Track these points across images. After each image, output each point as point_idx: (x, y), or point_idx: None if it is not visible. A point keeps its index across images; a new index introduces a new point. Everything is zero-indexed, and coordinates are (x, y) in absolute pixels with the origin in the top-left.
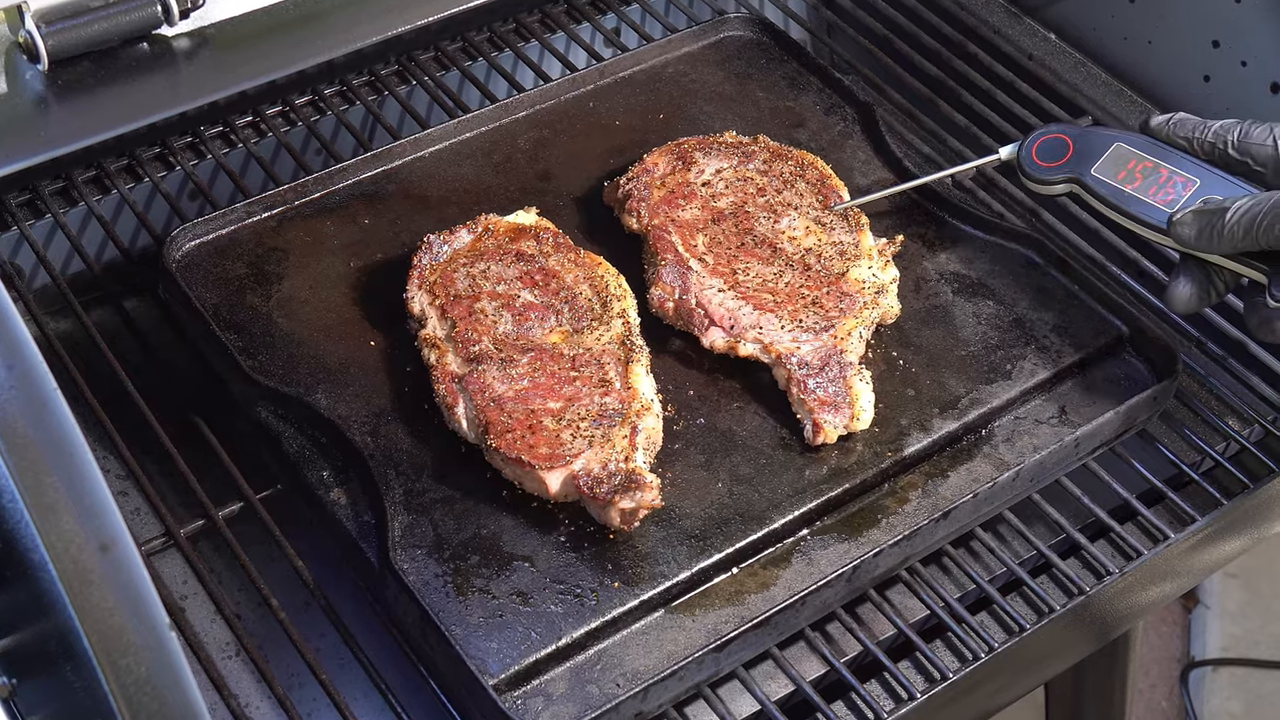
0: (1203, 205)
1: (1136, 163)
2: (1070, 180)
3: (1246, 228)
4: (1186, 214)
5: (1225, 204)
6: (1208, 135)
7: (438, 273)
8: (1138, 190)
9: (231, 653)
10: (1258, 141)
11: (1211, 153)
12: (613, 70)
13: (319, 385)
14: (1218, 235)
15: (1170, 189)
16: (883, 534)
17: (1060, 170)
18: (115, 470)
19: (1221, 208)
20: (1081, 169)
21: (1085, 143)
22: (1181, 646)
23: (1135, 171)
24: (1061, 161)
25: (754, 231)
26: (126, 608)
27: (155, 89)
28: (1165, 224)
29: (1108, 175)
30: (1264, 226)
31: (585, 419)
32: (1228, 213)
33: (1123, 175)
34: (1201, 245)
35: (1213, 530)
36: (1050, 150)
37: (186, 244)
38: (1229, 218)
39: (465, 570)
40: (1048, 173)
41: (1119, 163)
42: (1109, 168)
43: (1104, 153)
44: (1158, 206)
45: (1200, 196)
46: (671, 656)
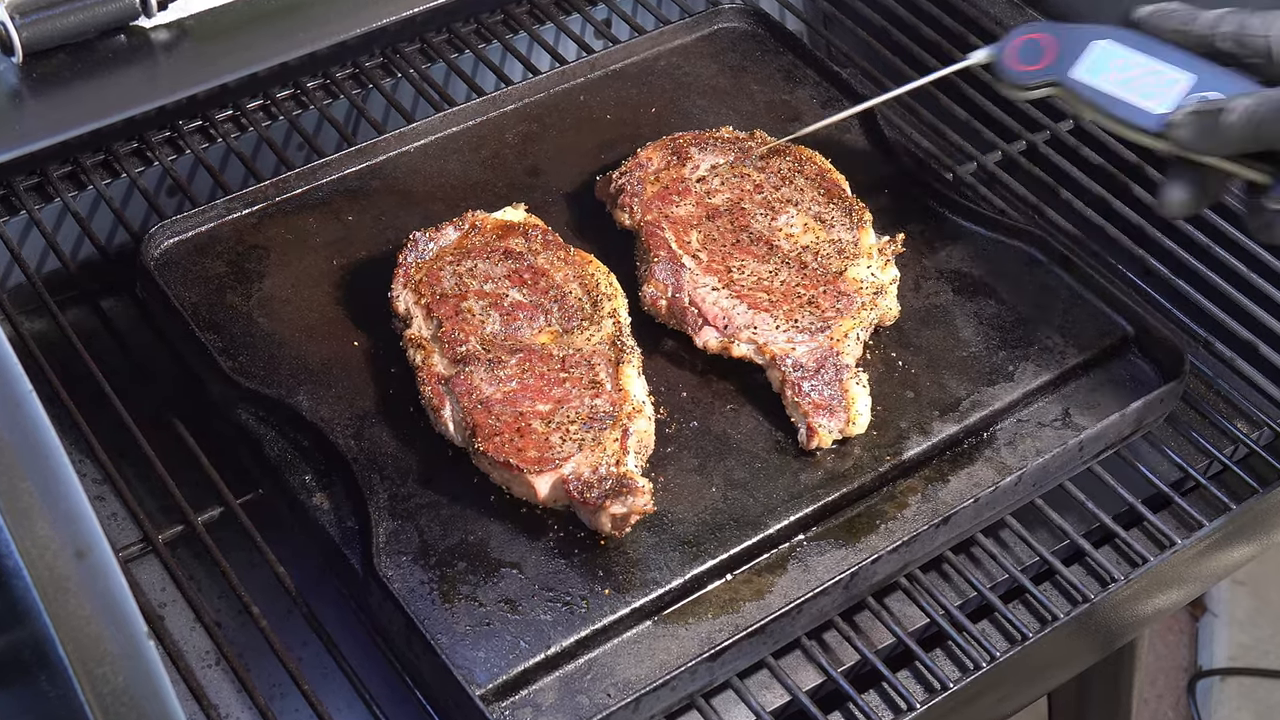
0: (1200, 104)
1: (1123, 60)
2: (1051, 84)
3: (1249, 126)
4: (1183, 114)
5: (1225, 102)
6: (1200, 26)
7: (423, 271)
8: (1125, 91)
9: (211, 662)
10: (1255, 32)
11: (1204, 45)
12: (604, 63)
13: (301, 387)
14: (1219, 136)
15: (1161, 88)
16: (881, 540)
17: (1040, 74)
18: (92, 474)
19: (1221, 106)
20: (1063, 70)
21: (1066, 42)
22: (1189, 656)
23: (1122, 70)
24: (1042, 64)
25: (750, 228)
26: (103, 616)
27: (133, 82)
28: (1159, 126)
29: (1092, 76)
30: (1268, 126)
31: (575, 422)
32: (1228, 111)
33: (1108, 75)
34: (1201, 147)
35: (1221, 536)
36: (1029, 52)
37: (165, 241)
38: (1230, 117)
39: (452, 577)
40: (1026, 76)
41: (1104, 62)
42: (1093, 68)
43: (1087, 52)
44: (1148, 109)
45: (1194, 95)
46: (664, 666)
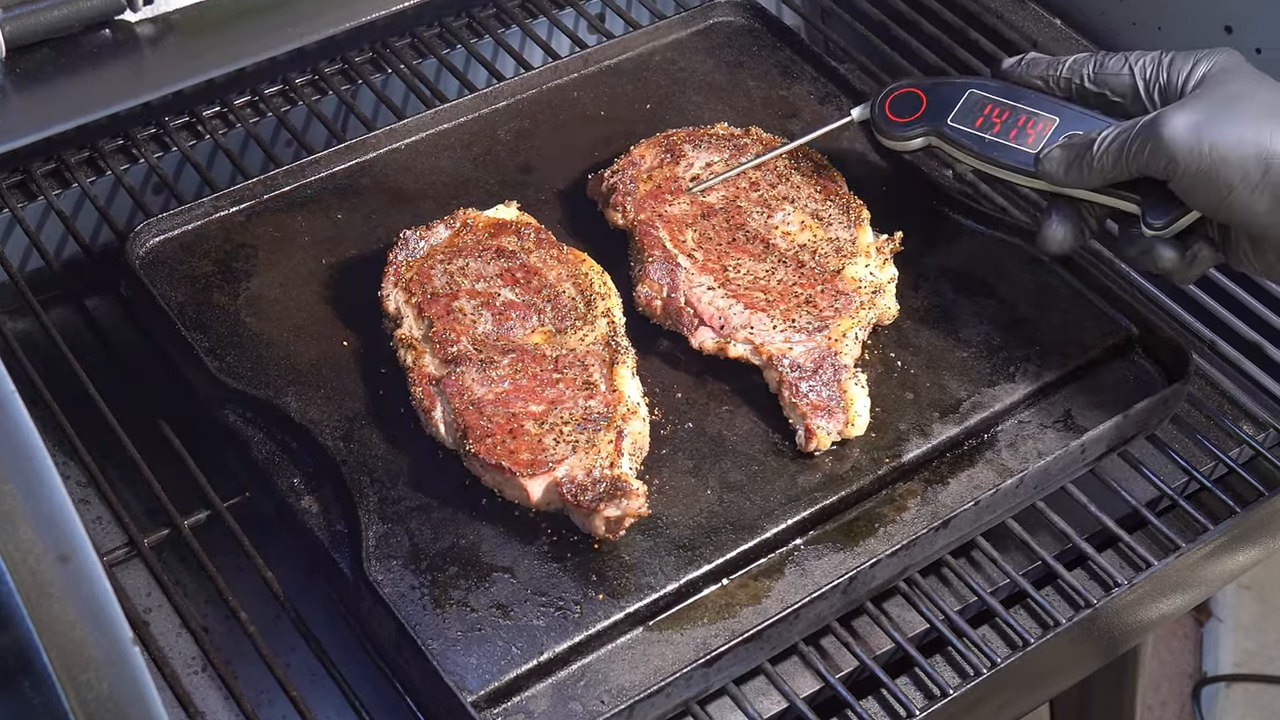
0: (1066, 140)
1: (993, 108)
2: (927, 133)
3: (1115, 156)
4: (1053, 150)
5: (1090, 135)
6: (1062, 71)
7: (414, 270)
8: (998, 135)
9: (198, 668)
10: (1113, 72)
11: (1068, 89)
12: (597, 58)
13: (289, 387)
14: (1087, 167)
15: (1031, 130)
16: (880, 543)
17: (916, 125)
18: (76, 477)
19: (1088, 139)
20: (937, 121)
21: (938, 94)
22: (1193, 662)
23: (993, 117)
24: (915, 116)
25: (746, 227)
26: (87, 621)
27: (118, 77)
28: (1031, 165)
29: (965, 124)
30: (1132, 153)
31: (568, 423)
32: (1094, 144)
33: (980, 122)
34: (1071, 180)
35: (1226, 540)
36: (903, 105)
37: (150, 240)
38: (1096, 149)
39: (443, 582)
40: (903, 129)
41: (975, 110)
42: (965, 116)
43: (958, 102)
44: (1021, 149)
45: (1062, 134)
46: (659, 672)
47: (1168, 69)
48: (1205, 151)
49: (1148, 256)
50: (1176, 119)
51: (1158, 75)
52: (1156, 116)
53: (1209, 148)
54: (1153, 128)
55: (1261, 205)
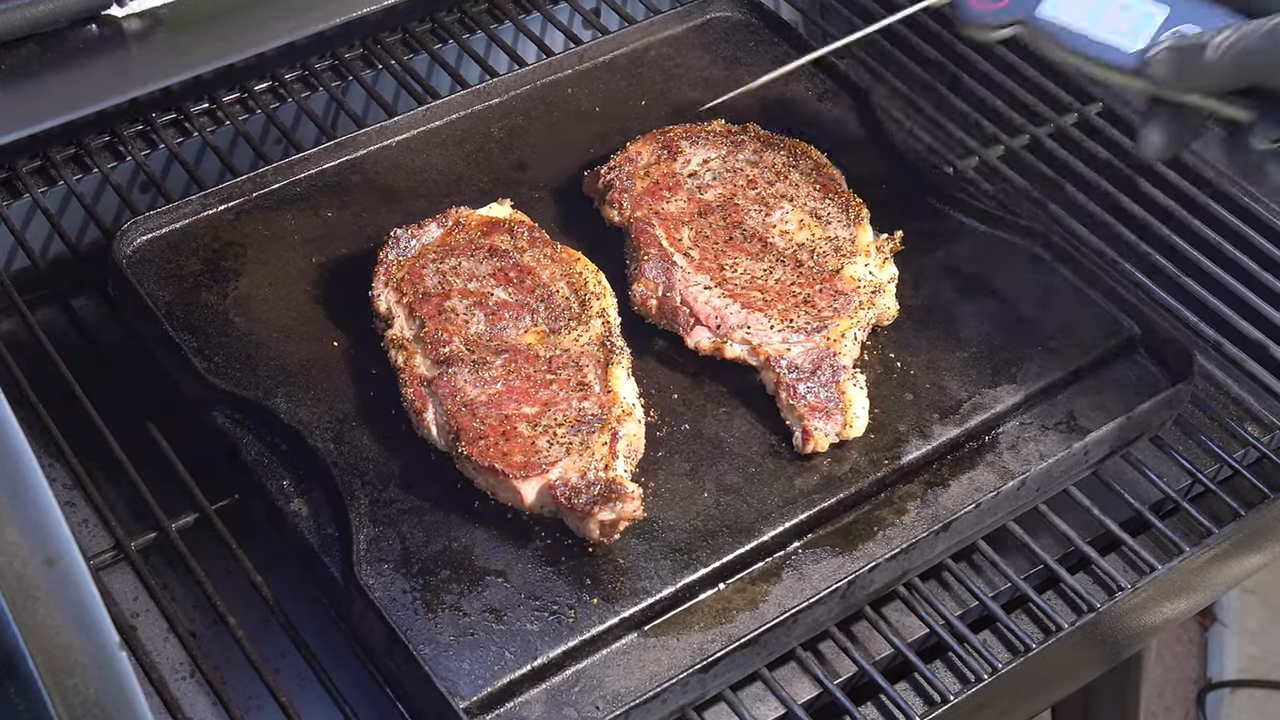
0: (1178, 40)
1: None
2: (1016, 22)
3: (1234, 63)
4: (1161, 50)
5: (1204, 37)
6: None
7: (405, 269)
8: (1097, 27)
9: (185, 673)
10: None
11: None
12: (592, 54)
13: (279, 388)
14: (1200, 73)
15: (1134, 23)
16: (879, 547)
17: (1004, 12)
18: (62, 479)
19: (1201, 41)
20: (1028, 7)
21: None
22: (1198, 667)
23: (1091, 5)
24: (1004, 3)
25: (743, 225)
26: (74, 625)
27: (104, 73)
28: (1136, 64)
29: (1059, 12)
30: (1254, 61)
31: (562, 425)
32: (1208, 47)
33: (1077, 11)
34: (1183, 85)
35: (1231, 543)
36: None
37: (138, 238)
38: (1211, 53)
39: (435, 586)
40: (989, 16)
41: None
42: (1060, 3)
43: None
44: (1122, 46)
45: (1169, 28)
46: (654, 678)
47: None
48: None
49: (1257, 172)
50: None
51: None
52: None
53: None
54: (1274, 36)
55: None
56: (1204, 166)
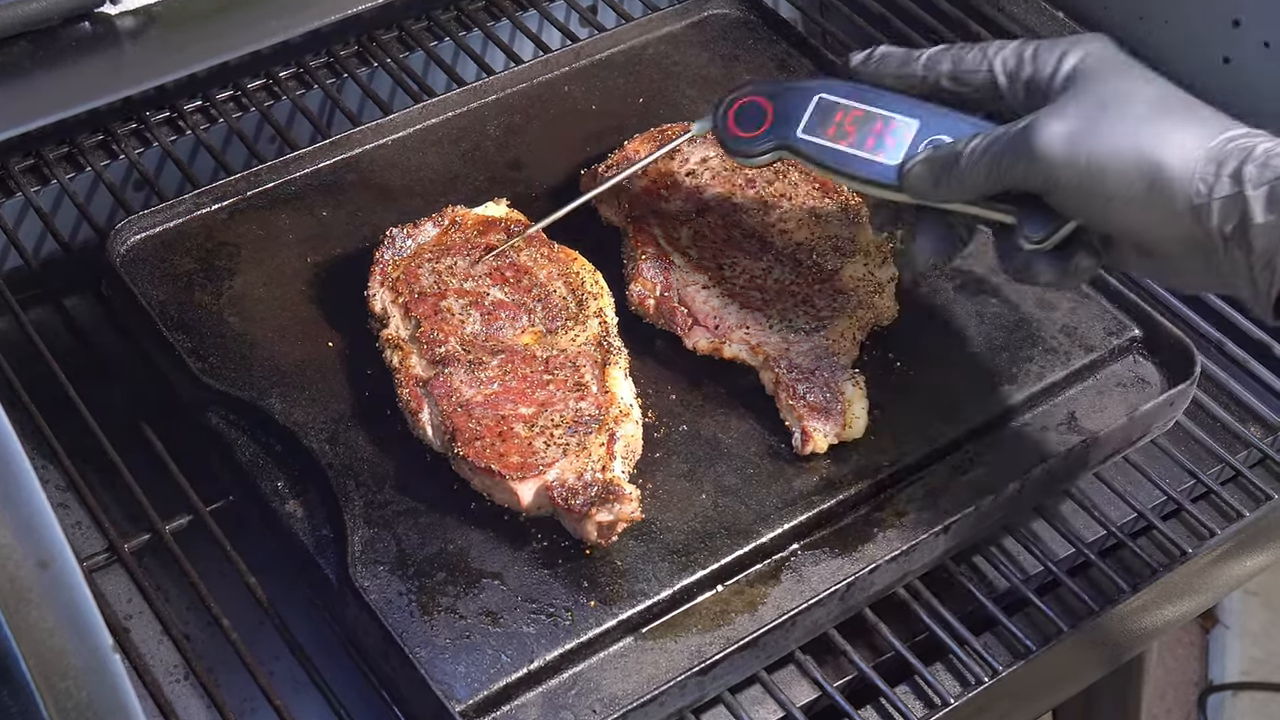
0: (931, 152)
1: (844, 113)
2: (777, 146)
3: (986, 170)
4: (916, 164)
5: (955, 146)
6: (917, 69)
7: (401, 269)
8: (854, 145)
9: (179, 676)
10: (972, 67)
11: (925, 86)
12: (589, 51)
13: (273, 389)
14: (956, 182)
15: (889, 137)
16: (879, 549)
17: (764, 139)
18: (55, 481)
19: (954, 151)
20: (786, 133)
21: (784, 101)
22: (1199, 669)
23: (846, 124)
24: (763, 129)
25: (742, 224)
26: (67, 628)
27: (97, 71)
28: (893, 178)
29: (817, 134)
30: (1004, 166)
31: (559, 426)
32: (961, 156)
33: (833, 131)
34: (941, 196)
35: (1233, 545)
36: (748, 116)
37: (131, 238)
38: (964, 162)
39: (430, 588)
40: (750, 144)
41: (826, 117)
42: (816, 125)
43: (807, 108)
44: (880, 161)
45: (924, 140)
46: (652, 681)
47: (1032, 62)
48: (1083, 164)
49: (1026, 271)
50: (1050, 128)
51: (1020, 68)
52: (1028, 126)
53: (1086, 159)
54: (1025, 139)
55: (1147, 217)
56: None
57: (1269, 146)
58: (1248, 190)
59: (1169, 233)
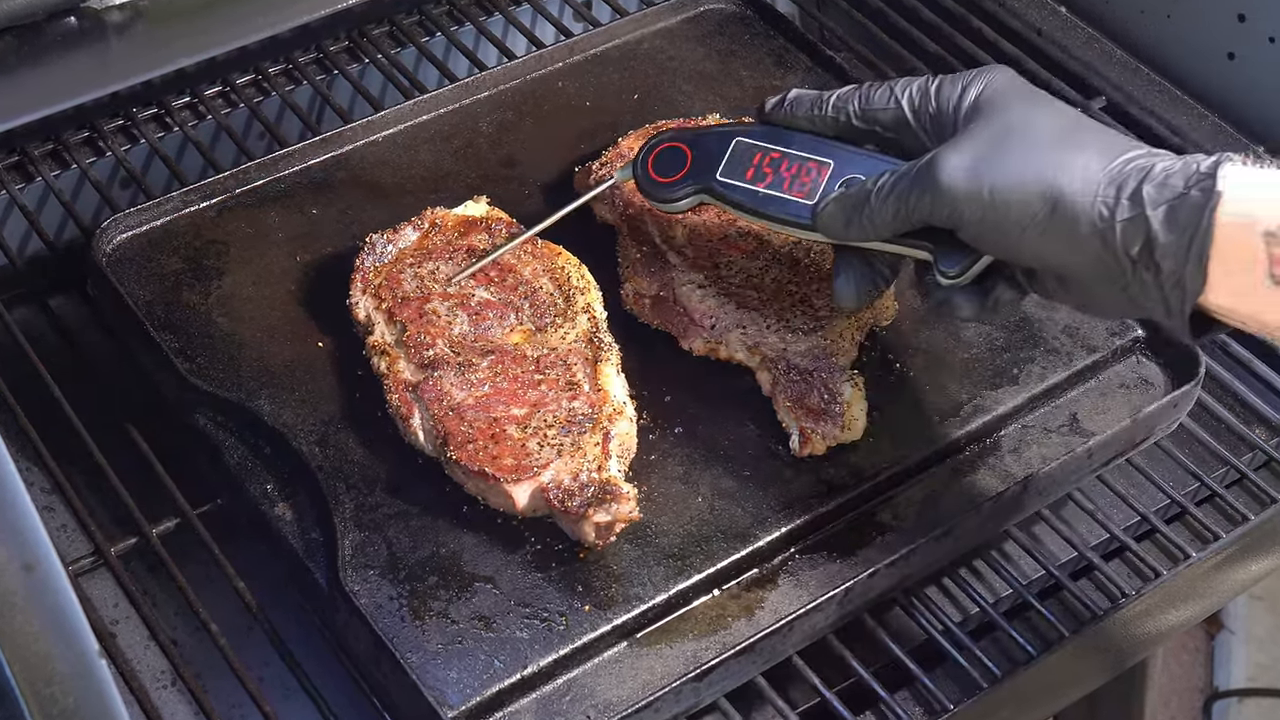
0: (841, 193)
1: (761, 156)
2: (699, 192)
3: (895, 208)
4: (828, 205)
5: (864, 186)
6: (827, 110)
7: (382, 275)
8: (771, 187)
9: (167, 682)
10: (879, 105)
11: (836, 127)
12: (583, 47)
13: (262, 390)
14: (868, 222)
15: (805, 178)
16: (878, 553)
17: (683, 184)
18: (40, 483)
19: (864, 191)
20: (705, 177)
21: (703, 146)
22: (1204, 675)
23: (763, 167)
24: (682, 174)
25: (738, 223)
26: (52, 633)
27: (83, 67)
28: (810, 218)
29: (735, 177)
30: (911, 204)
31: (553, 426)
32: (870, 195)
33: (751, 173)
34: (854, 235)
35: (1238, 549)
36: (667, 162)
37: (118, 236)
38: (873, 200)
39: (422, 592)
40: (670, 189)
41: (743, 160)
42: (735, 169)
43: (725, 153)
44: (797, 200)
45: (838, 179)
46: (647, 686)
47: (936, 97)
48: (986, 196)
49: (946, 306)
50: (950, 162)
51: (926, 104)
52: (930, 161)
53: (989, 192)
54: (928, 175)
55: (1055, 246)
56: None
57: (1167, 165)
58: (1148, 210)
59: (1078, 260)
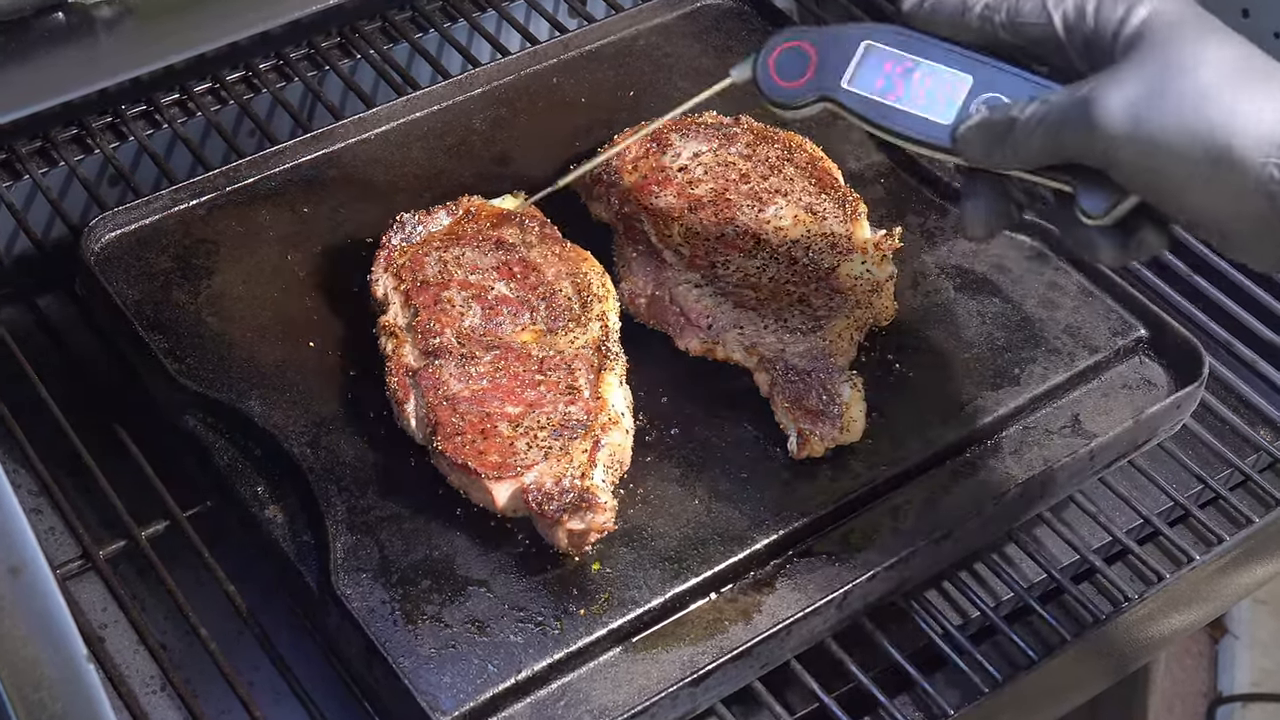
0: (985, 115)
1: (894, 64)
2: (822, 99)
3: (1042, 140)
4: (969, 128)
5: (1011, 110)
6: (972, 18)
7: (408, 255)
8: (903, 100)
9: (156, 687)
10: (1030, 19)
11: (980, 35)
12: (578, 43)
13: (253, 391)
14: (1010, 150)
15: (940, 93)
16: (877, 556)
17: (807, 89)
18: (27, 486)
19: (1009, 117)
20: (830, 83)
21: (829, 47)
22: (1208, 680)
23: (895, 76)
24: (806, 78)
25: (736, 221)
26: (39, 637)
27: (72, 63)
28: (946, 139)
29: (864, 86)
30: (1062, 137)
31: (545, 428)
32: (1016, 123)
33: (881, 83)
34: (995, 162)
35: (1242, 552)
36: (791, 64)
37: (106, 235)
38: (1019, 129)
39: (415, 596)
40: (792, 94)
41: (873, 67)
42: (864, 75)
43: (853, 57)
44: (931, 118)
45: (977, 97)
46: (643, 691)
47: (1095, 15)
48: (1144, 140)
49: (1085, 246)
50: (1109, 99)
51: (1082, 22)
52: (1086, 96)
53: (1150, 137)
54: (1083, 110)
55: (1216, 199)
56: None
57: None
58: None
59: (1241, 216)
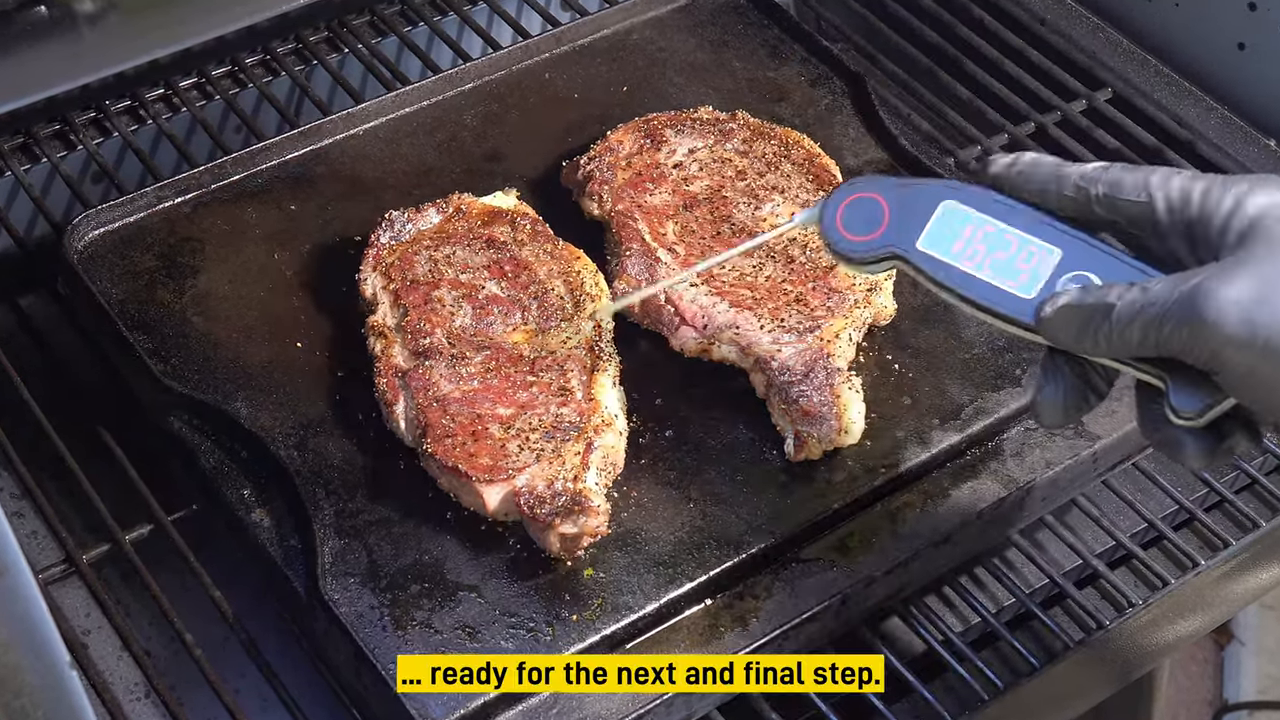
0: (1076, 296)
1: (974, 229)
2: (894, 257)
3: (1141, 334)
4: (1058, 310)
5: (1109, 296)
6: (1068, 187)
7: (397, 254)
8: (982, 268)
9: (140, 694)
10: (1130, 196)
11: (1072, 207)
12: (571, 37)
13: (239, 392)
14: (1104, 338)
15: (1024, 265)
16: (876, 560)
17: (876, 244)
18: (9, 488)
19: (1104, 304)
20: (904, 241)
21: (905, 203)
22: (1213, 688)
23: (974, 241)
24: (877, 232)
25: (731, 219)
26: (21, 643)
27: (54, 58)
28: (1029, 316)
29: (940, 249)
30: (1165, 334)
31: (536, 430)
32: (1114, 311)
33: (959, 246)
34: (1084, 349)
35: (1248, 556)
36: (860, 216)
37: (90, 233)
38: (1116, 318)
39: (404, 601)
40: (860, 248)
41: (952, 229)
42: (940, 237)
43: (930, 215)
44: (1012, 293)
45: (1064, 273)
46: (636, 700)
47: (1202, 202)
48: (1260, 346)
49: (1169, 445)
50: (1221, 297)
51: (1186, 207)
52: (1196, 290)
53: (1264, 342)
54: (1189, 306)
55: None
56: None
57: None
58: None
59: None
